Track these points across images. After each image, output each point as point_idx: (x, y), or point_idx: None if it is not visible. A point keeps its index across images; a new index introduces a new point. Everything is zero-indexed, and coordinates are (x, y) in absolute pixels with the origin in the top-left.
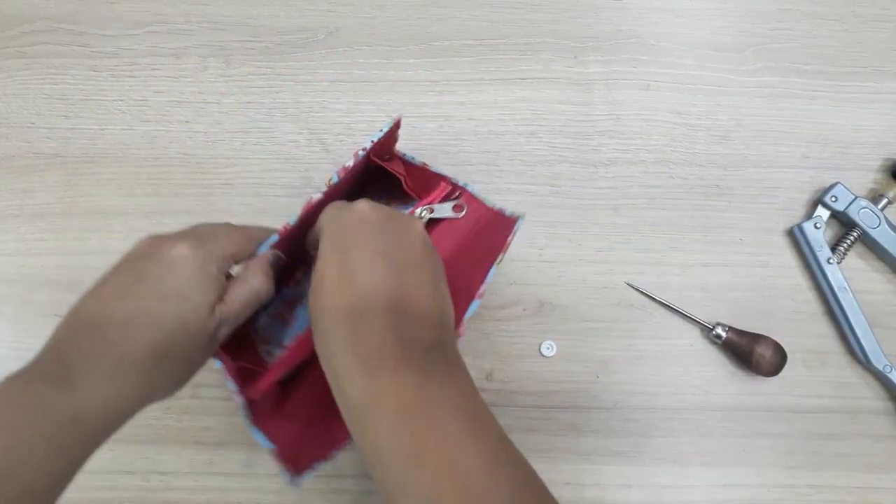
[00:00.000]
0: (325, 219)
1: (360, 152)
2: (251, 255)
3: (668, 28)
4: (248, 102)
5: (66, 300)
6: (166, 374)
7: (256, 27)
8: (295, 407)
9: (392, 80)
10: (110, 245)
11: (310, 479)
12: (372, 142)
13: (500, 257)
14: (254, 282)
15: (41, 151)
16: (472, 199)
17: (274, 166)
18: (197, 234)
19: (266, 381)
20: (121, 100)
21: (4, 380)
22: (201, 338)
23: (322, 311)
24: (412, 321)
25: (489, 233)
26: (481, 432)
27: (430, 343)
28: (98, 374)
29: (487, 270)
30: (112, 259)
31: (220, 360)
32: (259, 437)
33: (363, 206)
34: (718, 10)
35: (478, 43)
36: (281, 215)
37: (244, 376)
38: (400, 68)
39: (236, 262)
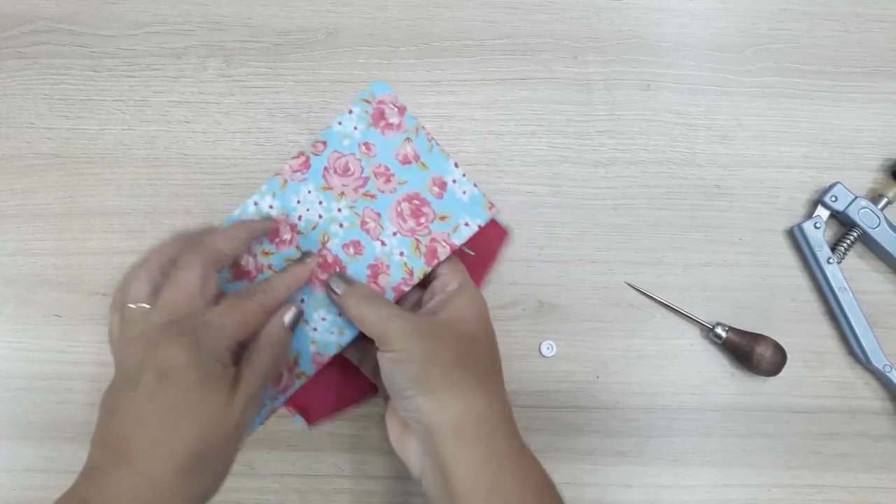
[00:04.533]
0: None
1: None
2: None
3: (668, 28)
4: (248, 102)
5: (66, 300)
6: (203, 480)
7: (256, 27)
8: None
9: (392, 81)
10: (110, 245)
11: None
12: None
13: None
14: (261, 363)
15: (41, 151)
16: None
17: (274, 166)
18: (190, 326)
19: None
20: (121, 100)
21: None
22: (227, 436)
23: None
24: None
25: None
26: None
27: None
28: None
29: (477, 273)
30: (112, 259)
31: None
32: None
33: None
34: (718, 10)
35: (478, 43)
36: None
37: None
38: (400, 69)
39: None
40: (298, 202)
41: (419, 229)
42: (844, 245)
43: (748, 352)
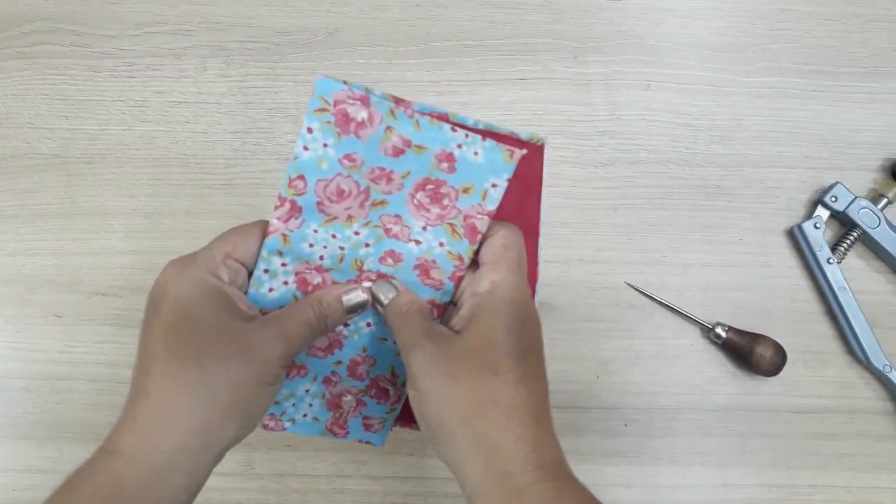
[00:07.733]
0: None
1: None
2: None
3: (668, 28)
4: (248, 102)
5: (66, 300)
6: (212, 401)
7: (256, 27)
8: None
9: (392, 81)
10: (110, 245)
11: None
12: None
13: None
14: (302, 310)
15: (41, 151)
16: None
17: (274, 166)
18: (189, 254)
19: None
20: (121, 100)
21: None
22: (241, 360)
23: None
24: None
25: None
26: None
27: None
28: (138, 428)
29: (531, 200)
30: (112, 259)
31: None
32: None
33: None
34: (718, 10)
35: (478, 43)
36: None
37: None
38: (400, 69)
39: (234, 258)
40: (311, 245)
41: (447, 213)
42: (844, 245)
43: (748, 352)
